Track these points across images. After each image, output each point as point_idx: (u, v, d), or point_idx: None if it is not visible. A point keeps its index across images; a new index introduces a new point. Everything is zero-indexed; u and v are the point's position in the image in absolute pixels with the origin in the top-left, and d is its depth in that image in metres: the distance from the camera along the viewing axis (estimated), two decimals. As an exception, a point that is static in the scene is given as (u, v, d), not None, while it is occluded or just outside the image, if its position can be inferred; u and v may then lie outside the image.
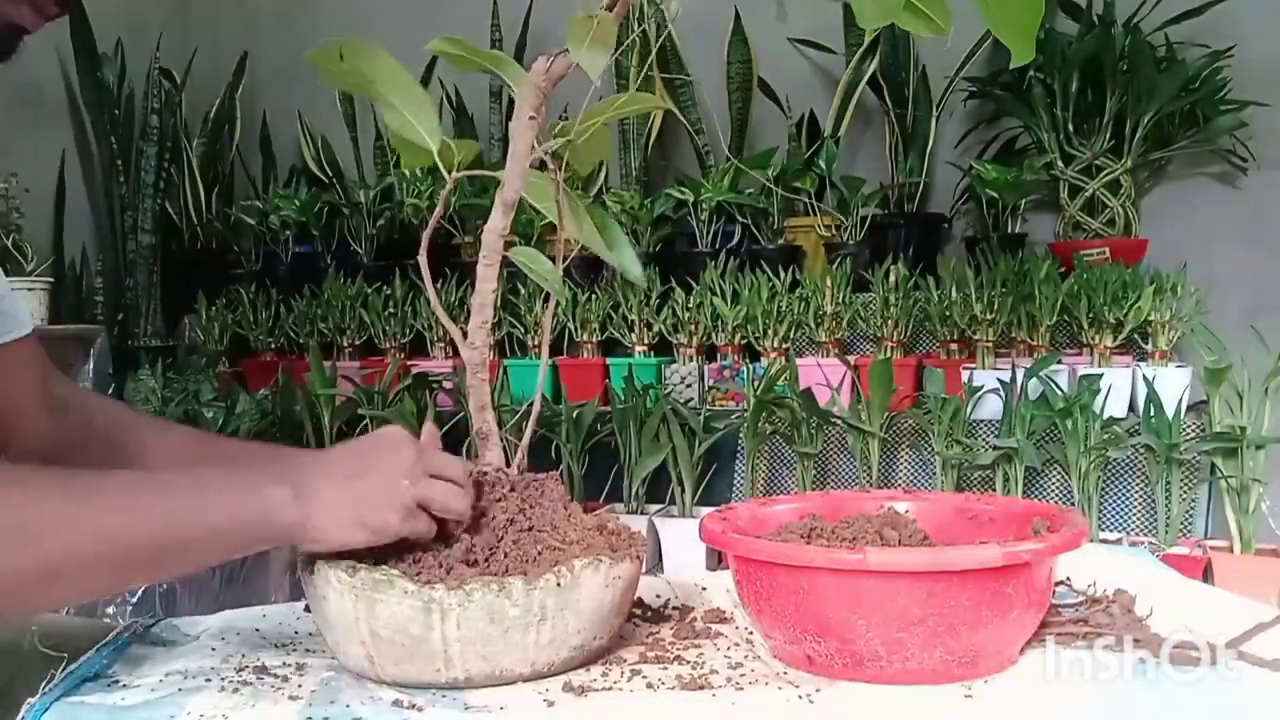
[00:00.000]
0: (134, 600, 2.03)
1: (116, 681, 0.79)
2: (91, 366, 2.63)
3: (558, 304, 2.52)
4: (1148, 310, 2.07)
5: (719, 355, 2.43)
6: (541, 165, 0.86)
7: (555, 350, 2.55)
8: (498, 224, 0.85)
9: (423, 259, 0.89)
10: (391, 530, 0.77)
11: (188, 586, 2.18)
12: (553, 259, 0.88)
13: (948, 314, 2.20)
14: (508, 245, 0.86)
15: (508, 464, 0.87)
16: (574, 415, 2.25)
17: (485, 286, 0.86)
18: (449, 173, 0.88)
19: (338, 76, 0.87)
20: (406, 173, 2.79)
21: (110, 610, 1.96)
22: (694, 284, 2.42)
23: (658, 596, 1.00)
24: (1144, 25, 2.33)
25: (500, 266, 0.86)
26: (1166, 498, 1.93)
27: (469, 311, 0.87)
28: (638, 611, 0.95)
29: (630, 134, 2.70)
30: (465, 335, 0.87)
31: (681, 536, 2.10)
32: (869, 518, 0.88)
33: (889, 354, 2.24)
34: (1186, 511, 1.95)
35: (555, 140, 0.84)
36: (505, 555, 0.79)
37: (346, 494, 0.76)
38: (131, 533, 0.72)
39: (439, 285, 2.67)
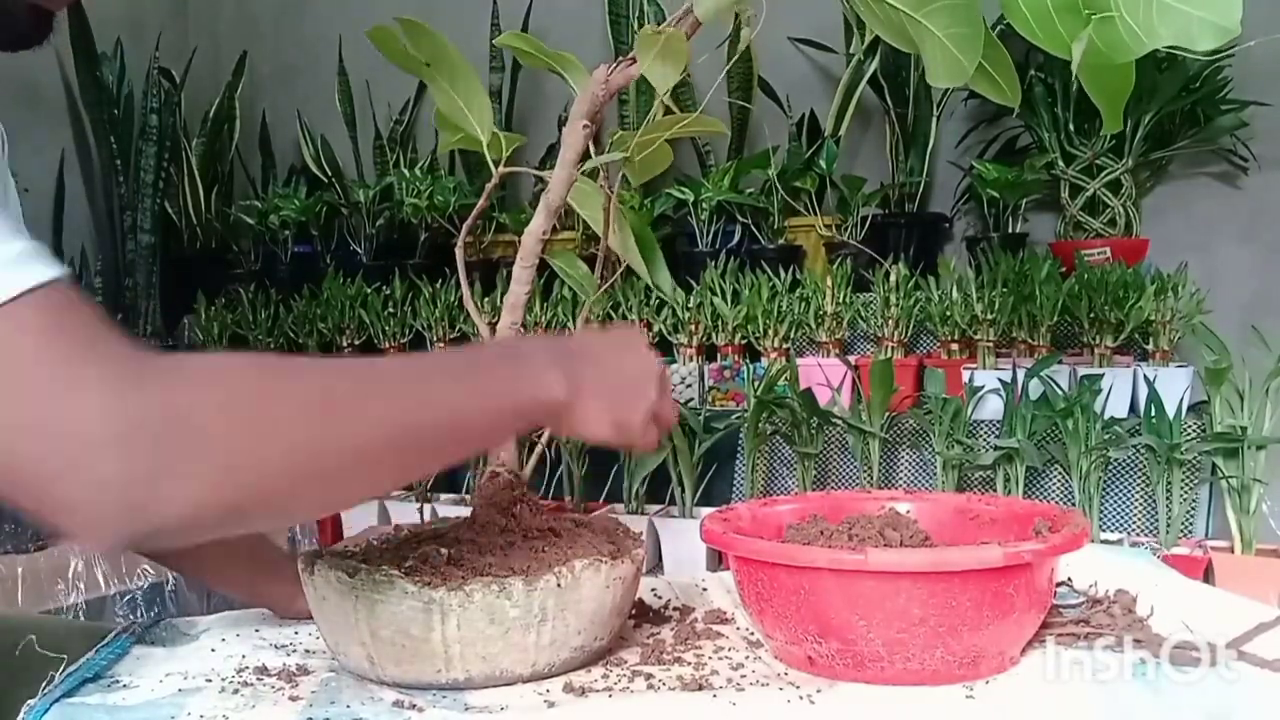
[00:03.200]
0: (141, 599, 2.03)
1: (116, 681, 0.79)
2: (91, 366, 2.63)
3: (557, 304, 2.53)
4: (1148, 310, 2.07)
5: (719, 355, 2.43)
6: (594, 173, 0.86)
7: (555, 350, 2.55)
8: (538, 227, 0.85)
9: (459, 253, 0.89)
10: (633, 432, 0.77)
11: (190, 586, 2.17)
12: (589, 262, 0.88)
13: (948, 314, 2.20)
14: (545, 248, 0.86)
15: (521, 465, 0.88)
16: (574, 415, 2.25)
17: (520, 289, 0.86)
18: (495, 166, 0.88)
19: (397, 55, 0.87)
20: (406, 172, 2.80)
21: (119, 612, 1.96)
22: (694, 284, 2.42)
23: (658, 597, 1.00)
24: (1144, 25, 2.33)
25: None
26: (1167, 498, 1.93)
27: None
28: (638, 612, 0.95)
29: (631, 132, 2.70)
30: (493, 333, 0.87)
31: (681, 537, 2.10)
32: (870, 518, 0.88)
33: (889, 354, 2.24)
34: (1187, 512, 1.95)
35: (613, 153, 0.85)
36: (506, 556, 0.79)
37: (608, 390, 0.76)
38: (420, 417, 0.65)
39: (439, 285, 2.67)
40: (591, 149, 0.86)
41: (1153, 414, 1.92)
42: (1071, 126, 2.36)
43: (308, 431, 0.59)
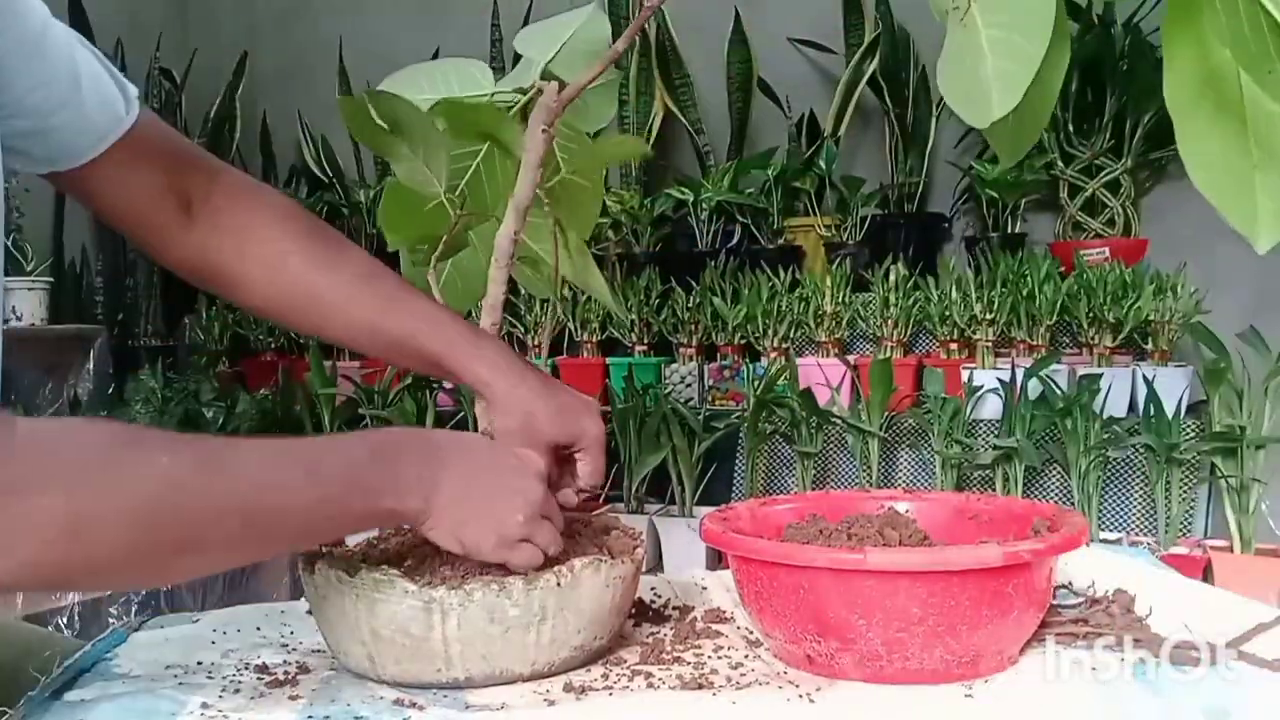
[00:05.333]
0: (138, 600, 2.03)
1: (115, 670, 0.79)
2: (91, 366, 2.64)
3: (558, 304, 2.53)
4: (1147, 310, 2.07)
5: (719, 355, 2.44)
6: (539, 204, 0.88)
7: (555, 350, 2.55)
8: (509, 228, 0.85)
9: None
10: (484, 554, 0.77)
11: (190, 587, 2.17)
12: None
13: (947, 314, 2.20)
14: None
15: None
16: (574, 415, 2.25)
17: (495, 290, 0.86)
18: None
19: (366, 131, 0.88)
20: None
21: (113, 610, 1.96)
22: (694, 284, 2.42)
23: (658, 596, 1.00)
24: (1144, 25, 2.33)
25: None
26: (1166, 497, 1.93)
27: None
28: (638, 612, 0.95)
29: (630, 134, 2.70)
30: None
31: (681, 536, 2.10)
32: (869, 518, 0.88)
33: (889, 354, 2.24)
34: (1186, 511, 1.95)
35: (548, 183, 0.87)
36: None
37: (464, 510, 0.76)
38: (264, 510, 0.68)
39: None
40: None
41: (1151, 414, 1.92)
42: (1070, 127, 2.37)
43: (149, 511, 0.61)
